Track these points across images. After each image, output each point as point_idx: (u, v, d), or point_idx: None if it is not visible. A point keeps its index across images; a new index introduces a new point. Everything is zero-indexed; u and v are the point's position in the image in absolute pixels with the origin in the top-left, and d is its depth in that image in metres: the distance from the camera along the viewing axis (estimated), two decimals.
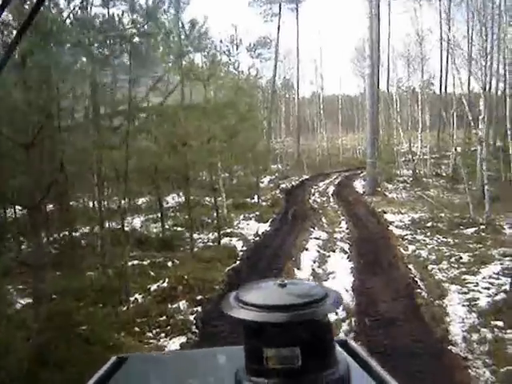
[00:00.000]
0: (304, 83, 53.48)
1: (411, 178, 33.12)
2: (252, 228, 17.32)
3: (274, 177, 36.37)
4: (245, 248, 14.50)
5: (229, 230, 16.42)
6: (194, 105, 12.17)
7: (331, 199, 26.75)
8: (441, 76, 43.04)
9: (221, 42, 28.24)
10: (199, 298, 10.16)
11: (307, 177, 38.34)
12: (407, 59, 41.64)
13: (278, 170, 40.46)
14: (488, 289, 10.40)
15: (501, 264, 11.88)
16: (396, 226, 17.15)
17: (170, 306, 9.95)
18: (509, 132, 22.61)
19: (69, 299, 9.95)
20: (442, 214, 18.75)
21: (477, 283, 10.79)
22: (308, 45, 69.39)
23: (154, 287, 10.67)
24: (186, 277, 10.78)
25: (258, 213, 19.72)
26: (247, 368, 1.20)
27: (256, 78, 26.66)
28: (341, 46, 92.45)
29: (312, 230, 17.32)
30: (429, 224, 17.10)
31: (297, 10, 47.10)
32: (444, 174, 35.78)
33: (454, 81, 33.29)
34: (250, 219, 18.90)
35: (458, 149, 36.59)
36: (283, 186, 32.30)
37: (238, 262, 13.05)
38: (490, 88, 26.05)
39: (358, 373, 1.43)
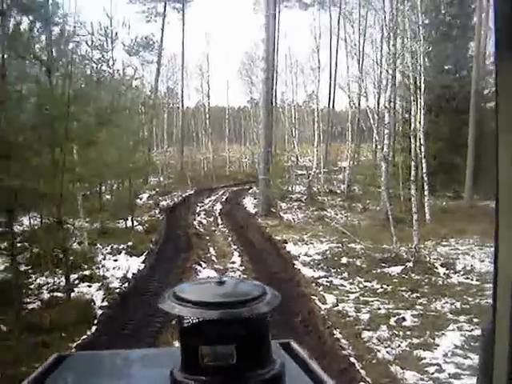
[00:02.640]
0: (189, 91, 49.49)
1: (305, 196, 30.28)
2: (121, 266, 13.18)
3: (154, 192, 32.22)
4: (106, 303, 10.34)
5: (88, 272, 12.21)
6: (21, 97, 8.07)
7: (219, 221, 23.03)
8: (330, 89, 41.30)
9: (91, 34, 24.04)
10: None
11: (191, 192, 34.45)
12: (297, 69, 39.57)
13: (158, 183, 36.30)
14: (458, 377, 7.15)
15: (459, 329, 8.71)
16: (303, 263, 13.71)
17: None
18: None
19: None
20: (354, 245, 15.65)
21: (439, 366, 7.49)
22: (194, 50, 65.30)
23: None
24: None
25: (130, 242, 15.57)
26: (183, 365, 1.19)
27: (132, 78, 22.52)
28: (228, 53, 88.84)
29: (198, 267, 13.52)
30: (343, 260, 13.84)
31: (183, 11, 43.26)
32: (338, 191, 33.45)
33: (355, 94, 31.76)
34: (120, 252, 14.71)
35: (347, 163, 34.72)
36: (164, 203, 28.24)
37: (92, 330, 8.95)
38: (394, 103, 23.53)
39: (298, 374, 1.44)
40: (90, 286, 11.41)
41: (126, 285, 11.66)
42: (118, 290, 11.18)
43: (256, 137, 41.13)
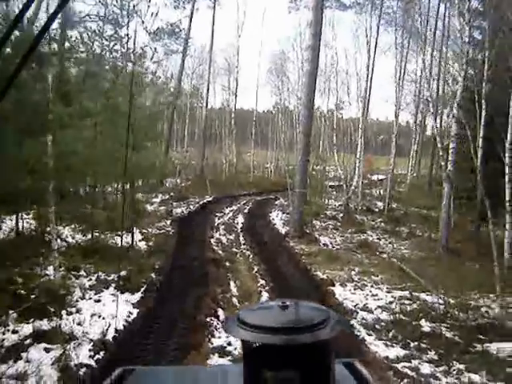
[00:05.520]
0: (214, 89, 45.46)
1: (341, 214, 26.04)
2: (103, 312, 9.10)
3: (168, 196, 28.18)
4: None
5: (49, 325, 8.08)
6: None
7: (242, 240, 18.90)
8: (365, 96, 36.96)
9: (106, 6, 20.22)
10: None
11: (210, 199, 30.47)
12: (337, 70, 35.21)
13: (175, 186, 32.21)
14: None
15: None
16: (365, 327, 9.42)
17: None
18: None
19: None
20: (427, 297, 11.43)
21: None
22: (222, 43, 61.08)
23: None
24: None
25: (124, 272, 11.45)
26: None
27: (143, 56, 18.54)
28: (257, 50, 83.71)
29: (215, 320, 9.44)
30: (423, 326, 9.52)
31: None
32: (376, 210, 29.11)
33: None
34: (108, 286, 10.61)
35: (388, 178, 30.74)
36: (178, 211, 24.26)
37: None
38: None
39: None
40: (47, 351, 7.31)
41: (101, 356, 7.43)
42: (83, 370, 6.95)
43: (283, 141, 37.05)
